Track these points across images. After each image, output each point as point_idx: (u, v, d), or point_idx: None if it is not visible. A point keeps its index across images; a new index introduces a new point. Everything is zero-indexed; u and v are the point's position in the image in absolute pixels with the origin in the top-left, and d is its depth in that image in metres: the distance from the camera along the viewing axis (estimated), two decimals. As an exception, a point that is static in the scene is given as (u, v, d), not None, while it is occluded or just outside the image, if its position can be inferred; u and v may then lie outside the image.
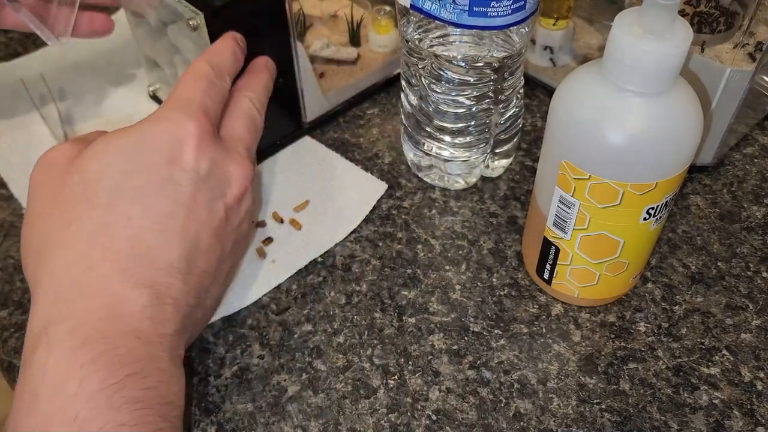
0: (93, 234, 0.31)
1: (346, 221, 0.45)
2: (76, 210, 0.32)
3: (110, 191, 0.32)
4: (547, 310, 0.40)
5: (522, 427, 0.35)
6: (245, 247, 0.40)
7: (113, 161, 0.32)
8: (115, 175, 0.32)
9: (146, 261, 0.31)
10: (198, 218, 0.33)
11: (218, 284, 0.36)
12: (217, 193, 0.34)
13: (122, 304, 0.30)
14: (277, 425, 0.35)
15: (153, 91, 0.53)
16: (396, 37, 0.54)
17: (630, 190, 0.32)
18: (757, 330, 0.39)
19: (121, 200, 0.32)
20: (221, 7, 0.40)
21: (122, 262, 0.31)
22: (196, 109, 0.34)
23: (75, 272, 0.30)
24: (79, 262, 0.30)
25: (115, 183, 0.32)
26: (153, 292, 0.31)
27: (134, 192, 0.32)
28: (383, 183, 0.47)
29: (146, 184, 0.32)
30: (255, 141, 0.39)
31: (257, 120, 0.39)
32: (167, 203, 0.32)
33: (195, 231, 0.33)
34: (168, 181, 0.32)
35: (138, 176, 0.32)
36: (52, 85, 0.55)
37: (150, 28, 0.47)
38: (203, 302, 0.35)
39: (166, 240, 0.32)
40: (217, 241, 0.34)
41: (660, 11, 0.28)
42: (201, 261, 0.33)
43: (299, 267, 0.42)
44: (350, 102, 0.53)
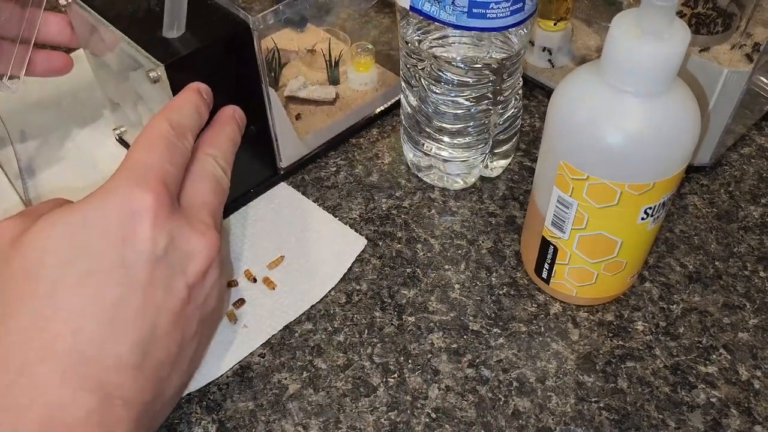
0: (31, 332, 0.27)
1: (323, 281, 0.42)
2: (14, 302, 0.28)
3: (51, 279, 0.28)
4: (545, 309, 0.41)
5: (521, 425, 0.35)
6: (214, 325, 0.36)
7: (57, 244, 0.28)
8: (58, 260, 0.28)
9: (91, 359, 0.27)
10: (154, 303, 0.29)
11: (181, 371, 0.32)
12: (176, 271, 0.30)
13: (63, 410, 0.26)
14: (277, 423, 0.36)
15: (119, 135, 0.50)
16: (377, 75, 0.53)
17: (628, 190, 0.33)
18: (755, 329, 0.39)
19: (63, 290, 0.28)
20: (183, 58, 0.37)
21: (63, 362, 0.27)
22: (153, 179, 0.30)
23: (9, 377, 0.26)
24: (12, 367, 0.27)
25: (58, 269, 0.28)
26: (99, 394, 0.27)
27: (78, 279, 0.28)
28: (362, 238, 0.44)
29: (93, 270, 0.28)
30: (221, 204, 0.35)
31: (223, 181, 0.36)
32: (117, 290, 0.28)
33: (150, 318, 0.29)
34: (118, 263, 0.29)
35: (84, 261, 0.28)
36: (12, 126, 0.51)
37: (112, 73, 0.45)
38: (162, 394, 0.31)
39: (114, 333, 0.28)
40: (177, 326, 0.31)
41: (658, 12, 0.29)
42: (158, 350, 0.30)
43: (272, 333, 0.39)
44: (329, 144, 0.50)
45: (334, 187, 0.48)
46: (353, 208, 0.47)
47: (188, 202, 0.33)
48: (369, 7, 0.55)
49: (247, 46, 0.40)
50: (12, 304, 0.28)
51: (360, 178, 0.49)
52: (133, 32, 0.38)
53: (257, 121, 0.43)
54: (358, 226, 0.45)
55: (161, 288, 0.30)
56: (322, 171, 0.49)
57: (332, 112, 0.52)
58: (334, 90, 0.53)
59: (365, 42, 0.54)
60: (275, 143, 0.46)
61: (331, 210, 0.46)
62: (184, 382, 0.34)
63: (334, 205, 0.47)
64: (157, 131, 0.32)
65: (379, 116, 0.53)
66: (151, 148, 0.32)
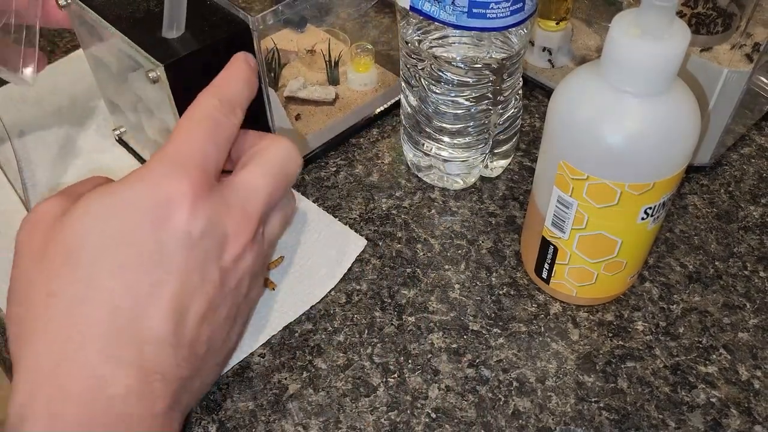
0: (72, 310, 0.28)
1: (323, 281, 0.42)
2: (56, 282, 0.29)
3: (91, 261, 0.29)
4: (545, 309, 0.41)
5: (521, 425, 0.35)
6: (249, 309, 0.36)
7: (95, 226, 0.29)
8: (96, 242, 0.29)
9: (129, 337, 0.28)
10: (189, 286, 0.30)
11: (215, 351, 0.33)
12: (211, 256, 0.31)
13: (105, 386, 0.27)
14: (277, 423, 0.36)
15: (119, 135, 0.50)
16: (377, 76, 0.53)
17: (628, 190, 0.33)
18: (755, 329, 0.39)
19: (102, 271, 0.28)
20: (183, 58, 0.37)
21: (103, 340, 0.28)
22: (191, 164, 0.30)
23: (53, 353, 0.28)
24: (57, 343, 0.28)
25: (96, 251, 0.29)
26: (138, 369, 0.28)
27: (117, 260, 0.29)
28: (362, 238, 0.44)
29: (129, 252, 0.29)
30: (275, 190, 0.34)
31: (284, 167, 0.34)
32: (153, 271, 0.29)
33: (185, 300, 0.30)
34: (154, 247, 0.29)
35: (120, 244, 0.29)
36: (12, 126, 0.51)
37: (111, 74, 0.45)
38: (200, 372, 0.32)
39: (150, 313, 0.29)
40: (211, 308, 0.31)
41: (658, 12, 0.29)
42: (192, 330, 0.30)
43: (272, 333, 0.39)
44: (329, 144, 0.50)
45: (334, 187, 0.48)
46: (353, 208, 0.47)
47: (239, 183, 0.32)
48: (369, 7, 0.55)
49: (247, 47, 0.40)
50: (55, 283, 0.29)
51: (360, 178, 0.49)
52: (132, 33, 0.38)
53: (257, 122, 0.43)
54: (358, 226, 0.45)
55: (196, 272, 0.30)
56: (322, 171, 0.49)
57: (332, 112, 0.52)
58: (334, 90, 0.53)
59: (365, 42, 0.54)
60: None
61: (331, 210, 0.46)
62: (219, 362, 0.35)
63: (334, 205, 0.47)
64: (203, 109, 0.32)
65: (379, 116, 0.53)
66: (193, 129, 0.31)
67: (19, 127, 0.52)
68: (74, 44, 0.60)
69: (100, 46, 0.44)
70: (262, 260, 0.35)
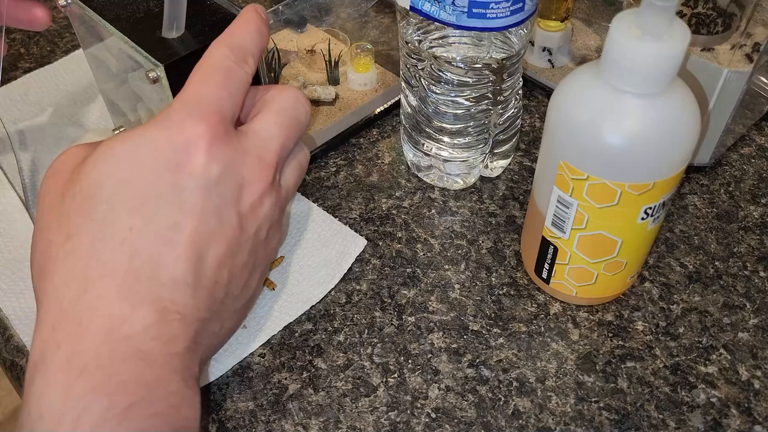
0: (90, 250, 0.29)
1: (323, 281, 0.42)
2: (74, 223, 0.29)
3: (108, 202, 0.29)
4: (545, 309, 0.41)
5: (521, 425, 0.35)
6: (268, 256, 0.36)
7: (112, 169, 0.30)
8: (113, 184, 0.29)
9: (148, 276, 0.29)
10: (206, 228, 0.30)
11: (234, 297, 0.33)
12: (228, 199, 0.31)
13: (123, 324, 0.28)
14: (277, 423, 0.36)
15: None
16: (377, 76, 0.53)
17: (628, 190, 0.33)
18: (755, 329, 0.39)
19: (120, 211, 0.29)
20: (183, 58, 0.37)
21: (121, 279, 0.28)
22: (207, 109, 0.30)
23: (71, 293, 0.28)
24: (75, 282, 0.28)
25: (114, 193, 0.29)
26: (157, 308, 0.29)
27: (134, 202, 0.29)
28: (362, 238, 0.44)
29: (147, 193, 0.29)
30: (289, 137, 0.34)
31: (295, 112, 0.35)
32: (171, 213, 0.29)
33: (203, 242, 0.30)
34: (172, 188, 0.29)
35: (138, 185, 0.29)
36: (12, 126, 0.51)
37: (111, 74, 0.45)
38: (219, 315, 0.32)
39: (169, 253, 0.29)
40: (229, 252, 0.31)
41: (658, 12, 0.29)
42: (211, 273, 0.31)
43: (272, 333, 0.39)
44: (329, 144, 0.50)
45: (334, 187, 0.48)
46: (353, 208, 0.47)
47: (253, 131, 0.33)
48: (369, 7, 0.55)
49: None
50: (72, 225, 0.29)
51: (360, 178, 0.49)
52: (132, 33, 0.38)
53: None
54: (358, 226, 0.45)
55: (214, 215, 0.30)
56: (322, 171, 0.49)
57: (332, 112, 0.52)
58: (334, 90, 0.53)
59: (365, 42, 0.54)
60: None
61: (331, 210, 0.46)
62: (239, 308, 0.35)
63: (334, 205, 0.47)
64: (213, 59, 0.32)
65: (379, 116, 0.53)
66: (206, 78, 0.32)
67: (19, 127, 0.52)
68: (74, 44, 0.61)
69: (100, 46, 0.44)
70: (280, 207, 0.35)
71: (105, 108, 0.51)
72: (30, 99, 0.54)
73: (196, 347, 0.31)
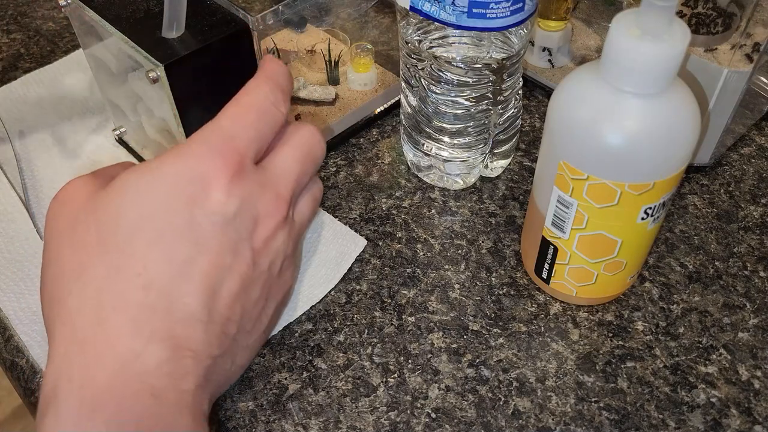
0: (105, 282, 0.29)
1: (323, 281, 0.42)
2: (89, 254, 0.29)
3: (125, 235, 0.29)
4: (545, 309, 0.41)
5: (521, 425, 0.35)
6: (282, 291, 0.36)
7: (131, 202, 0.30)
8: (131, 217, 0.29)
9: (162, 311, 0.29)
10: (221, 264, 0.30)
11: (246, 332, 0.33)
12: (244, 235, 0.31)
13: (136, 359, 0.28)
14: (277, 423, 0.36)
15: (119, 135, 0.50)
16: (377, 76, 0.53)
17: (628, 190, 0.33)
18: (755, 329, 0.39)
19: (137, 245, 0.29)
20: (183, 58, 0.37)
21: (135, 312, 0.28)
22: (231, 147, 0.31)
23: (85, 325, 0.28)
24: (89, 314, 0.28)
25: (132, 226, 0.29)
26: (170, 344, 0.28)
27: (151, 236, 0.29)
28: (362, 238, 0.44)
29: (165, 227, 0.29)
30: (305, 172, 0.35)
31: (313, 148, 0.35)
32: (187, 248, 0.29)
33: (218, 278, 0.30)
34: (188, 224, 0.29)
35: (157, 219, 0.29)
36: (12, 126, 0.51)
37: (111, 74, 0.45)
38: (231, 351, 0.32)
39: (183, 289, 0.29)
40: (243, 288, 0.31)
41: (658, 12, 0.29)
42: (224, 309, 0.31)
43: (272, 334, 0.39)
44: (329, 144, 0.49)
45: (334, 187, 0.48)
46: (353, 208, 0.47)
47: (272, 166, 0.33)
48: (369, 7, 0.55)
49: (247, 47, 0.40)
50: (87, 256, 0.29)
51: (360, 178, 0.49)
52: (132, 33, 0.38)
53: None
54: (358, 226, 0.45)
55: (229, 250, 0.30)
56: (322, 171, 0.49)
57: (332, 112, 0.52)
58: (334, 90, 0.53)
59: (365, 42, 0.54)
60: None
61: (331, 210, 0.46)
62: (251, 344, 0.35)
63: (334, 205, 0.47)
64: (252, 98, 0.32)
65: (379, 116, 0.53)
66: (239, 116, 0.32)
67: (19, 127, 0.52)
68: (74, 44, 0.61)
69: (100, 46, 0.44)
70: (293, 242, 0.35)
71: (105, 108, 0.51)
72: (30, 99, 0.54)
73: (207, 384, 0.31)
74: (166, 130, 0.43)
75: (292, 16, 0.41)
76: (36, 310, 0.40)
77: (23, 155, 0.50)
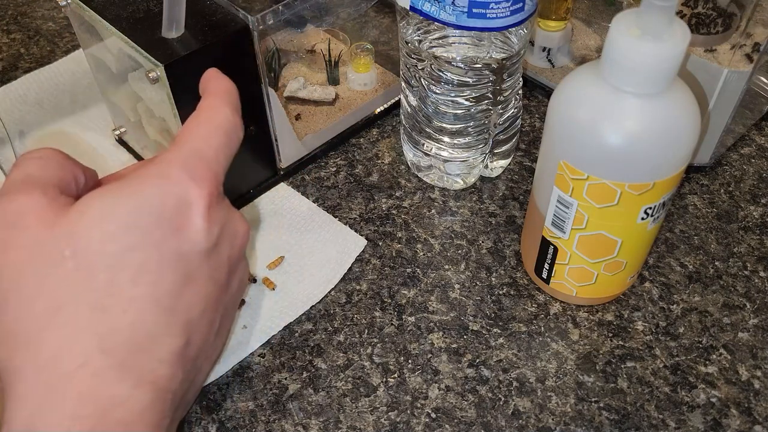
0: (89, 321, 0.26)
1: (323, 281, 0.42)
2: (68, 291, 0.26)
3: (110, 270, 0.27)
4: (545, 309, 0.41)
5: (521, 425, 0.35)
6: (234, 312, 0.35)
7: (112, 234, 0.27)
8: (115, 250, 0.27)
9: (148, 350, 0.27)
10: (203, 292, 0.29)
11: (209, 360, 0.33)
12: (223, 260, 0.30)
13: (120, 406, 0.26)
14: (277, 423, 0.36)
15: (119, 135, 0.50)
16: (377, 76, 0.53)
17: (628, 190, 0.33)
18: (755, 329, 0.39)
19: (122, 280, 0.27)
20: (183, 58, 0.37)
21: (121, 354, 0.26)
22: (208, 172, 0.29)
23: (66, 369, 0.26)
24: (71, 356, 0.26)
25: (115, 259, 0.27)
26: (155, 387, 0.27)
27: (137, 269, 0.27)
28: (362, 238, 0.44)
29: (150, 259, 0.27)
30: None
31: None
32: (173, 280, 0.28)
33: (198, 308, 0.29)
34: (174, 254, 0.28)
35: (142, 250, 0.27)
36: (12, 126, 0.51)
37: (111, 74, 0.45)
38: (194, 383, 0.31)
39: (169, 323, 0.28)
40: (215, 313, 0.30)
41: (657, 12, 0.29)
42: (198, 339, 0.29)
43: (272, 333, 0.39)
44: (329, 144, 0.50)
45: (334, 187, 0.48)
46: (353, 208, 0.47)
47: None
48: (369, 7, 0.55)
49: (247, 47, 0.40)
50: (67, 293, 0.26)
51: (360, 178, 0.49)
52: (132, 33, 0.38)
53: (257, 122, 0.43)
54: (358, 226, 0.45)
55: (210, 277, 0.30)
56: (322, 171, 0.49)
57: (332, 112, 0.52)
58: (334, 90, 0.53)
59: (365, 42, 0.54)
60: (275, 143, 0.46)
61: (331, 210, 0.46)
62: (209, 371, 0.34)
63: (334, 205, 0.47)
64: (219, 120, 0.31)
65: (379, 116, 0.53)
66: (210, 138, 0.30)
67: (19, 127, 0.52)
68: (74, 44, 0.61)
69: (100, 46, 0.44)
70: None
71: (105, 108, 0.51)
72: (30, 99, 0.54)
73: (175, 418, 0.30)
74: (166, 130, 0.43)
75: (292, 16, 0.42)
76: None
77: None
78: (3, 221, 0.28)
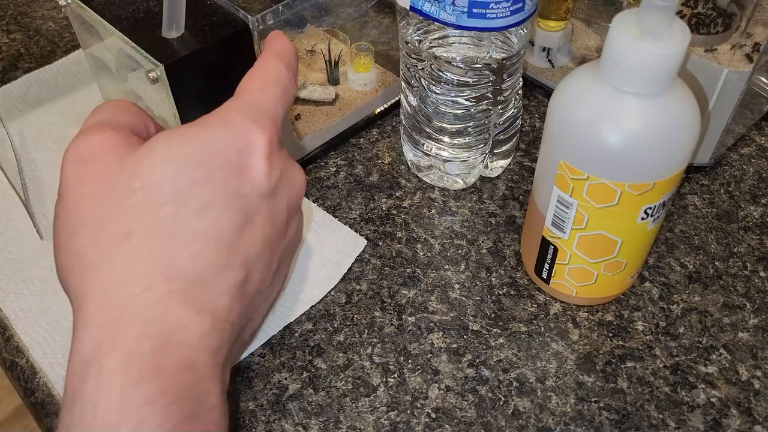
0: (155, 250, 0.28)
1: (323, 281, 0.42)
2: (137, 221, 0.28)
3: (176, 202, 0.28)
4: (545, 309, 0.41)
5: (521, 425, 0.35)
6: (291, 258, 0.37)
7: (180, 170, 0.28)
8: (182, 185, 0.28)
9: (209, 282, 0.28)
10: (262, 234, 0.30)
11: (267, 302, 0.34)
12: (282, 205, 0.31)
13: (180, 331, 0.27)
14: (277, 423, 0.36)
15: None
16: (377, 76, 0.53)
17: (628, 190, 0.33)
18: (755, 329, 0.39)
19: (188, 213, 0.28)
20: (183, 58, 0.37)
21: (185, 282, 0.28)
22: (268, 119, 0.31)
23: (132, 292, 0.27)
24: (137, 281, 0.27)
25: (182, 193, 0.28)
26: (213, 316, 0.28)
27: (202, 204, 0.28)
28: (362, 238, 0.44)
29: (215, 196, 0.29)
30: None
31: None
32: (235, 217, 0.29)
33: (257, 247, 0.30)
34: (236, 193, 0.29)
35: (206, 187, 0.29)
36: (12, 126, 0.51)
37: (111, 74, 0.45)
38: (252, 322, 0.33)
39: (230, 258, 0.29)
40: (274, 256, 0.32)
41: (658, 12, 0.29)
42: (257, 278, 0.31)
43: (272, 334, 0.39)
44: (329, 144, 0.50)
45: (334, 187, 0.48)
46: (353, 208, 0.47)
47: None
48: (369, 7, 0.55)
49: (247, 47, 0.40)
50: (135, 223, 0.28)
51: (360, 178, 0.49)
52: (132, 33, 0.38)
53: None
54: (358, 226, 0.45)
55: (269, 220, 0.31)
56: (322, 171, 0.49)
57: (332, 112, 0.52)
58: (334, 90, 0.53)
59: (365, 42, 0.54)
60: None
61: (331, 210, 0.46)
62: (265, 314, 0.35)
63: (334, 205, 0.47)
64: (273, 74, 0.33)
65: (379, 116, 0.53)
66: (267, 89, 0.32)
67: (19, 127, 0.52)
68: (74, 44, 0.61)
69: (100, 46, 0.44)
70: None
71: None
72: (30, 99, 0.54)
73: (230, 357, 0.30)
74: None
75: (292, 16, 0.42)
76: (36, 311, 0.40)
77: (23, 155, 0.50)
78: (78, 156, 0.30)
